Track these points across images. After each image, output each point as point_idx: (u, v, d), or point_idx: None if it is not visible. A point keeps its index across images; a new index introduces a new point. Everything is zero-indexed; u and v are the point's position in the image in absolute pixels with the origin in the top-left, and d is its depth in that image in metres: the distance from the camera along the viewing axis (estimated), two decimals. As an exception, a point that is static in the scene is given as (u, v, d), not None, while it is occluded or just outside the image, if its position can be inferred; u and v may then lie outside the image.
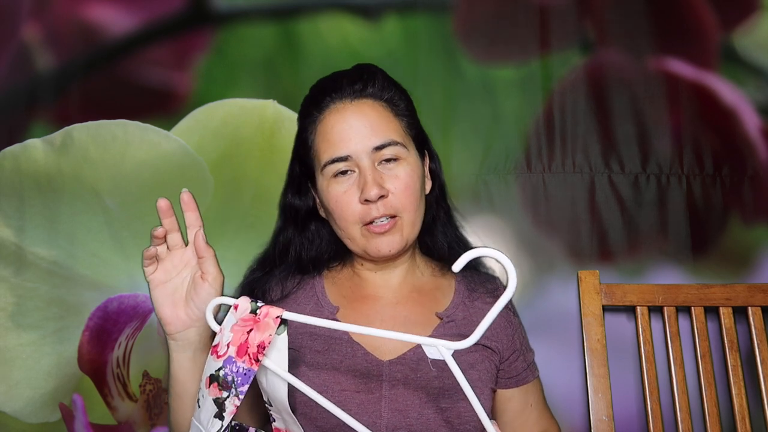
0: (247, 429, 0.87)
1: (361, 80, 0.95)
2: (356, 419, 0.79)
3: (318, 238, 1.02)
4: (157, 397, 1.38)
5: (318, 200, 1.00)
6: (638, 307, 1.37)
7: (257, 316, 0.78)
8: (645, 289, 1.39)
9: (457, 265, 0.71)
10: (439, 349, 0.73)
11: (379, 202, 0.91)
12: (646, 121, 1.52)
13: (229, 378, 0.76)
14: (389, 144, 0.92)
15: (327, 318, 0.94)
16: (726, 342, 1.36)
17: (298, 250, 1.01)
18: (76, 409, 1.34)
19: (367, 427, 0.79)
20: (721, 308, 1.38)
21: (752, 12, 1.56)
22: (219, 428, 0.77)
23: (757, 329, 1.36)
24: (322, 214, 1.01)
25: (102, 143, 1.40)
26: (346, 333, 0.91)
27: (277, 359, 0.78)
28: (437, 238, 1.04)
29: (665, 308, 1.37)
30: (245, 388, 0.76)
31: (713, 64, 1.53)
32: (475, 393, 0.75)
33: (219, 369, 0.77)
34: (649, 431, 1.31)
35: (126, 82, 1.50)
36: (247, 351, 0.76)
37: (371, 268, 1.01)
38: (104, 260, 1.39)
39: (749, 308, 1.37)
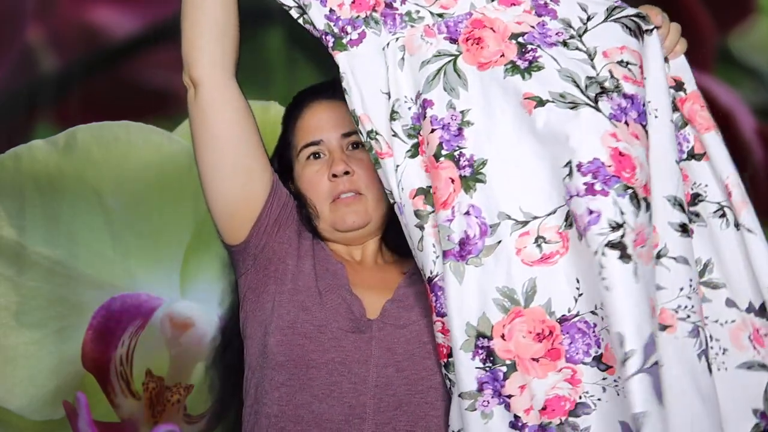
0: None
1: (335, 87, 1.07)
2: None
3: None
4: (159, 394, 1.39)
5: (293, 193, 1.09)
6: (638, 306, 1.38)
7: None
8: (645, 288, 1.39)
9: None
10: None
11: (345, 177, 1.03)
12: (645, 122, 1.53)
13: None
14: (355, 133, 1.03)
15: (337, 272, 1.02)
16: (725, 340, 1.36)
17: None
18: (80, 406, 1.34)
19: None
20: (720, 307, 1.38)
21: (748, 14, 1.57)
22: None
23: (757, 328, 1.36)
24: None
25: (105, 144, 1.41)
26: (347, 283, 1.00)
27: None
28: (401, 236, 1.08)
29: (665, 307, 1.38)
30: None
31: (709, 66, 1.55)
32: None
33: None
34: (650, 430, 1.31)
35: (129, 84, 1.51)
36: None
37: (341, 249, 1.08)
38: (106, 260, 1.40)
39: (748, 307, 1.38)
